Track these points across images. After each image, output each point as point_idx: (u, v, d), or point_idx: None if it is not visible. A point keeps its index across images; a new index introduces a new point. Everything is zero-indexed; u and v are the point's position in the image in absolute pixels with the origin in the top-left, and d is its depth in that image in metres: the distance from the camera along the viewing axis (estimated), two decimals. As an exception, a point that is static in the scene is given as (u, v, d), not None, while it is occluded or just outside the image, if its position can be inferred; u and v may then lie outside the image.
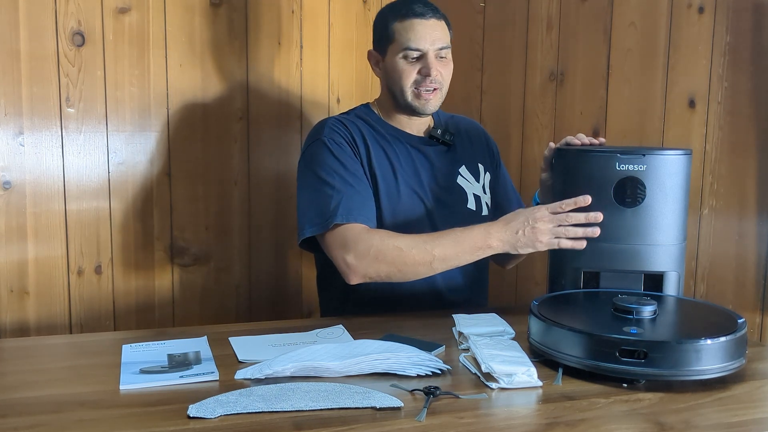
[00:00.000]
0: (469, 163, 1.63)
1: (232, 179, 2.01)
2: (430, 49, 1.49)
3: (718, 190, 1.41)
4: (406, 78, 1.51)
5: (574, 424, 0.91)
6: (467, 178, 1.62)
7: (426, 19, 1.49)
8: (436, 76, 1.51)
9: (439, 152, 1.61)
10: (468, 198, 1.60)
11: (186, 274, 1.99)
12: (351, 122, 1.57)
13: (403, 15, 1.51)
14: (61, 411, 0.94)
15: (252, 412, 0.93)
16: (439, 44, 1.50)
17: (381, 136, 1.57)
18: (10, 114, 1.77)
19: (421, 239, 1.39)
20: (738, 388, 1.04)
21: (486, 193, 1.64)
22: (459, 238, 1.37)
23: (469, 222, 1.54)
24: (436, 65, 1.51)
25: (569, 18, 1.76)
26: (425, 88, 1.51)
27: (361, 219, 1.41)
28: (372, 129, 1.58)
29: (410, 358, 1.08)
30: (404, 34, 1.50)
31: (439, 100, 1.55)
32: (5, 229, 1.79)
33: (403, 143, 1.58)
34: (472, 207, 1.60)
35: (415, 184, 1.55)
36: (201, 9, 1.93)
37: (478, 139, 1.69)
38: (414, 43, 1.49)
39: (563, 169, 1.37)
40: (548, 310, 1.18)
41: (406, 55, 1.50)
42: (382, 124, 1.60)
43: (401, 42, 1.50)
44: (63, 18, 1.79)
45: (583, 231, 1.28)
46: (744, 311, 1.32)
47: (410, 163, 1.57)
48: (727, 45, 1.38)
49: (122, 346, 1.18)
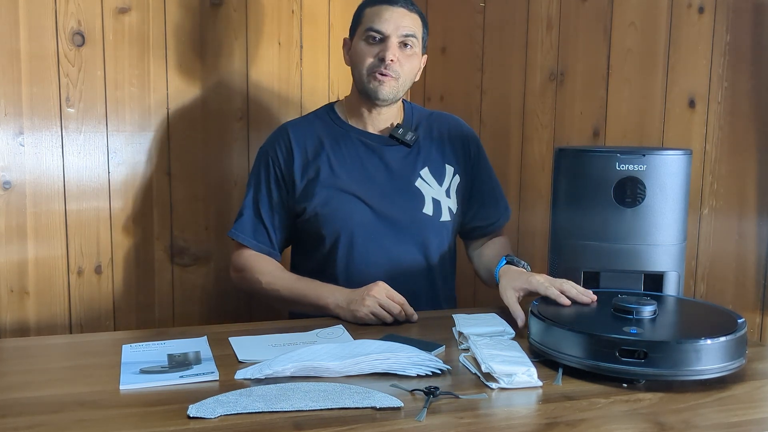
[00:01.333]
0: (433, 165, 1.59)
1: (232, 179, 2.01)
2: (392, 34, 1.48)
3: (718, 190, 1.41)
4: (364, 60, 1.51)
5: (574, 424, 0.91)
6: (428, 181, 1.58)
7: (394, 6, 1.50)
8: (392, 63, 1.48)
9: (399, 153, 1.58)
10: (425, 202, 1.56)
11: (186, 274, 1.99)
12: (301, 128, 1.59)
13: (374, 1, 1.52)
14: (61, 411, 0.94)
15: (252, 412, 0.93)
16: (403, 31, 1.49)
17: (332, 139, 1.57)
18: (10, 114, 1.77)
19: (281, 279, 1.52)
20: (738, 388, 1.04)
21: (450, 198, 1.59)
22: (307, 290, 1.47)
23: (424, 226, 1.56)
24: (396, 52, 1.49)
25: (569, 18, 1.76)
26: (380, 71, 1.49)
27: (249, 242, 1.58)
28: (326, 130, 1.58)
29: (410, 358, 1.08)
30: (370, 17, 1.51)
31: (394, 90, 1.52)
32: (5, 229, 1.78)
33: (356, 143, 1.57)
34: (428, 212, 1.56)
35: (361, 187, 1.53)
36: (201, 9, 1.93)
37: (454, 140, 1.64)
38: (377, 25, 1.48)
39: (564, 169, 1.37)
40: (548, 310, 1.18)
41: (368, 36, 1.50)
42: (341, 123, 1.59)
43: (365, 24, 1.51)
44: (63, 18, 1.79)
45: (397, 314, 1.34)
46: (744, 311, 1.32)
47: (359, 165, 1.55)
48: (727, 45, 1.38)
49: (122, 346, 1.18)
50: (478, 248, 1.66)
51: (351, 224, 1.52)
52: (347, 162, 1.55)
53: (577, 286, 1.25)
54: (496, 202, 1.68)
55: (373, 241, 1.53)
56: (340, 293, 1.41)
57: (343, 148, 1.56)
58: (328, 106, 1.65)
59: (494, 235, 1.68)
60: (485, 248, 1.65)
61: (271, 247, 1.59)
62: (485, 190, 1.67)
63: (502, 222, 1.68)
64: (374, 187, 1.54)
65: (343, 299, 1.39)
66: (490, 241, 1.66)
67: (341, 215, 1.52)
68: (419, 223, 1.55)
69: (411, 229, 1.55)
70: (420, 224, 1.55)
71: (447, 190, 1.59)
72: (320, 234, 1.54)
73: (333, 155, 1.55)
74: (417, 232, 1.55)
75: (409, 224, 1.54)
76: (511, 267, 1.41)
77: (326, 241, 1.55)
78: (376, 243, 1.53)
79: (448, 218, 1.58)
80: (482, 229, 1.66)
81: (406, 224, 1.54)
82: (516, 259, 1.44)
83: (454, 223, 1.61)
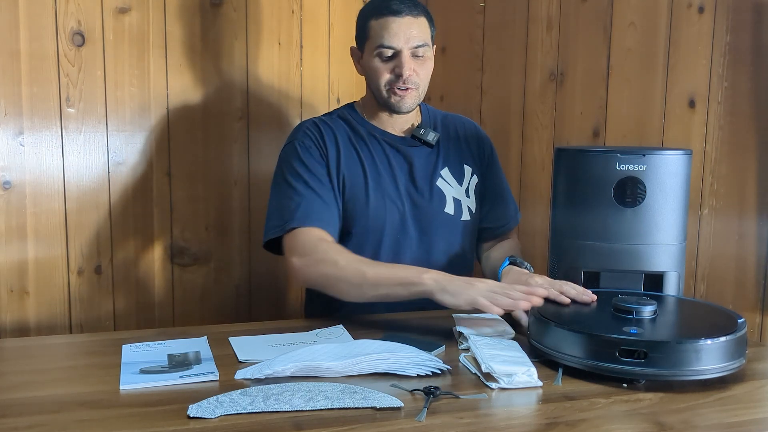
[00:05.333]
0: (453, 165, 1.60)
1: (232, 179, 2.02)
2: (404, 48, 1.47)
3: (718, 190, 1.41)
4: (381, 77, 1.50)
5: (574, 424, 0.91)
6: (448, 180, 1.58)
7: (400, 17, 1.46)
8: (410, 76, 1.48)
9: (421, 153, 1.58)
10: (446, 201, 1.57)
11: (186, 274, 1.99)
12: (327, 124, 1.57)
13: (378, 12, 1.49)
14: (61, 411, 0.94)
15: (252, 412, 0.93)
16: (414, 42, 1.47)
17: (359, 137, 1.56)
18: (10, 114, 1.77)
19: (362, 261, 1.36)
20: (738, 388, 1.04)
21: (469, 198, 1.60)
22: (395, 269, 1.35)
23: (446, 225, 1.55)
24: (411, 64, 1.48)
25: (569, 18, 1.76)
26: (399, 86, 1.49)
27: (318, 224, 1.43)
28: (351, 129, 1.57)
29: (410, 358, 1.08)
30: (379, 32, 1.48)
31: (416, 99, 1.52)
32: (5, 229, 1.79)
33: (381, 143, 1.57)
34: (450, 211, 1.56)
35: (388, 186, 1.53)
36: (201, 9, 1.93)
37: (470, 141, 1.65)
38: (387, 41, 1.47)
39: (564, 169, 1.37)
40: (548, 310, 1.18)
41: (380, 54, 1.48)
42: (363, 124, 1.59)
43: (375, 40, 1.49)
44: (63, 18, 1.79)
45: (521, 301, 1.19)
46: (744, 311, 1.32)
47: (386, 164, 1.55)
48: (727, 45, 1.38)
49: (122, 346, 1.18)
50: (488, 250, 1.67)
51: (380, 223, 1.52)
52: (374, 161, 1.55)
53: (577, 287, 1.25)
54: (507, 205, 1.69)
55: (399, 240, 1.53)
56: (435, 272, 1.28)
57: (370, 147, 1.56)
58: (349, 106, 1.64)
59: (504, 237, 1.68)
60: (493, 250, 1.65)
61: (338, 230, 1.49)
62: (497, 192, 1.67)
63: (512, 224, 1.69)
64: (400, 186, 1.55)
65: (441, 277, 1.27)
66: (499, 244, 1.66)
67: (371, 214, 1.52)
68: (442, 222, 1.55)
69: (433, 228, 1.55)
70: (442, 223, 1.55)
71: (466, 190, 1.60)
72: (348, 231, 1.53)
73: (362, 154, 1.55)
74: (439, 230, 1.56)
75: (432, 223, 1.54)
76: (514, 268, 1.41)
77: (353, 239, 1.53)
78: (403, 242, 1.53)
79: (468, 218, 1.59)
80: (492, 231, 1.67)
81: (428, 223, 1.54)
82: (519, 260, 1.44)
83: (473, 222, 1.61)
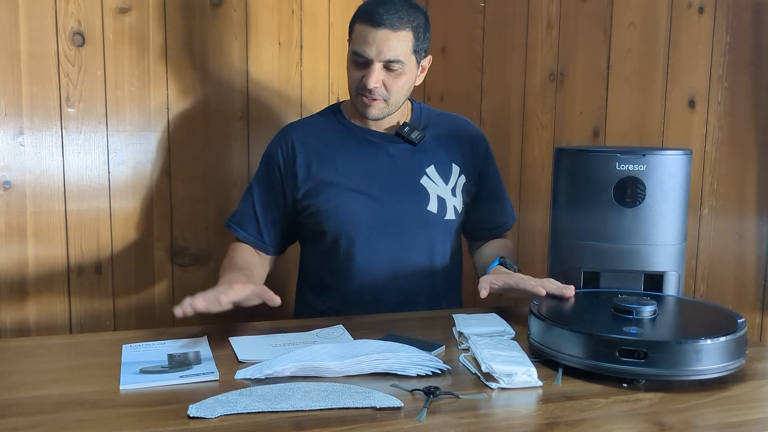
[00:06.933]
0: (440, 164, 1.59)
1: (232, 179, 2.01)
2: (375, 59, 1.46)
3: (718, 190, 1.41)
4: (351, 80, 1.52)
5: (574, 424, 0.91)
6: (433, 179, 1.57)
7: (378, 29, 1.44)
8: (376, 89, 1.48)
9: (406, 151, 1.58)
10: (429, 199, 1.56)
11: (186, 274, 1.99)
12: (303, 126, 1.61)
13: (361, 18, 1.48)
14: (61, 411, 0.94)
15: (252, 412, 0.93)
16: (386, 56, 1.45)
17: (338, 136, 1.58)
18: (10, 114, 1.77)
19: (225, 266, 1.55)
20: (738, 388, 1.04)
21: (456, 197, 1.59)
22: (222, 273, 1.51)
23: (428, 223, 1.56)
24: (380, 76, 1.47)
25: (569, 18, 1.76)
26: (365, 94, 1.50)
27: (240, 231, 1.61)
28: (332, 128, 1.59)
29: (410, 358, 1.08)
30: (356, 37, 1.48)
31: (383, 110, 1.52)
32: (5, 229, 1.78)
33: (361, 141, 1.57)
34: (433, 209, 1.55)
35: (366, 184, 1.53)
36: (201, 9, 1.93)
37: (463, 140, 1.63)
38: (360, 49, 1.47)
39: (564, 169, 1.37)
40: (548, 310, 1.18)
41: (354, 59, 1.49)
42: (346, 123, 1.60)
43: (353, 43, 1.50)
44: (63, 18, 1.79)
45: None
46: (744, 311, 1.32)
47: (365, 162, 1.55)
48: (727, 45, 1.38)
49: (122, 346, 1.18)
50: (479, 247, 1.67)
51: (352, 220, 1.52)
52: (351, 159, 1.55)
53: (557, 282, 1.27)
54: (504, 205, 1.69)
55: (375, 237, 1.53)
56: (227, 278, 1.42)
57: (347, 146, 1.56)
58: (334, 106, 1.66)
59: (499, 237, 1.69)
60: (486, 246, 1.65)
61: (258, 239, 1.60)
62: (494, 192, 1.67)
63: (509, 225, 1.69)
64: (378, 182, 1.54)
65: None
66: (493, 241, 1.66)
67: (342, 211, 1.53)
68: (423, 220, 1.55)
69: (414, 226, 1.55)
70: (424, 221, 1.55)
71: (453, 189, 1.59)
72: (322, 230, 1.55)
73: (337, 153, 1.56)
74: (420, 228, 1.55)
75: (412, 220, 1.54)
76: (502, 268, 1.42)
77: (327, 237, 1.55)
78: (378, 239, 1.53)
79: (453, 217, 1.58)
80: (488, 231, 1.67)
81: (409, 220, 1.54)
82: (509, 262, 1.44)
83: (458, 222, 1.61)
